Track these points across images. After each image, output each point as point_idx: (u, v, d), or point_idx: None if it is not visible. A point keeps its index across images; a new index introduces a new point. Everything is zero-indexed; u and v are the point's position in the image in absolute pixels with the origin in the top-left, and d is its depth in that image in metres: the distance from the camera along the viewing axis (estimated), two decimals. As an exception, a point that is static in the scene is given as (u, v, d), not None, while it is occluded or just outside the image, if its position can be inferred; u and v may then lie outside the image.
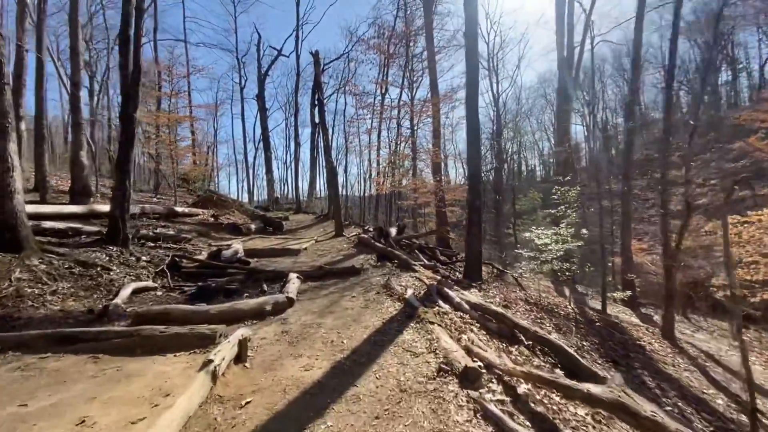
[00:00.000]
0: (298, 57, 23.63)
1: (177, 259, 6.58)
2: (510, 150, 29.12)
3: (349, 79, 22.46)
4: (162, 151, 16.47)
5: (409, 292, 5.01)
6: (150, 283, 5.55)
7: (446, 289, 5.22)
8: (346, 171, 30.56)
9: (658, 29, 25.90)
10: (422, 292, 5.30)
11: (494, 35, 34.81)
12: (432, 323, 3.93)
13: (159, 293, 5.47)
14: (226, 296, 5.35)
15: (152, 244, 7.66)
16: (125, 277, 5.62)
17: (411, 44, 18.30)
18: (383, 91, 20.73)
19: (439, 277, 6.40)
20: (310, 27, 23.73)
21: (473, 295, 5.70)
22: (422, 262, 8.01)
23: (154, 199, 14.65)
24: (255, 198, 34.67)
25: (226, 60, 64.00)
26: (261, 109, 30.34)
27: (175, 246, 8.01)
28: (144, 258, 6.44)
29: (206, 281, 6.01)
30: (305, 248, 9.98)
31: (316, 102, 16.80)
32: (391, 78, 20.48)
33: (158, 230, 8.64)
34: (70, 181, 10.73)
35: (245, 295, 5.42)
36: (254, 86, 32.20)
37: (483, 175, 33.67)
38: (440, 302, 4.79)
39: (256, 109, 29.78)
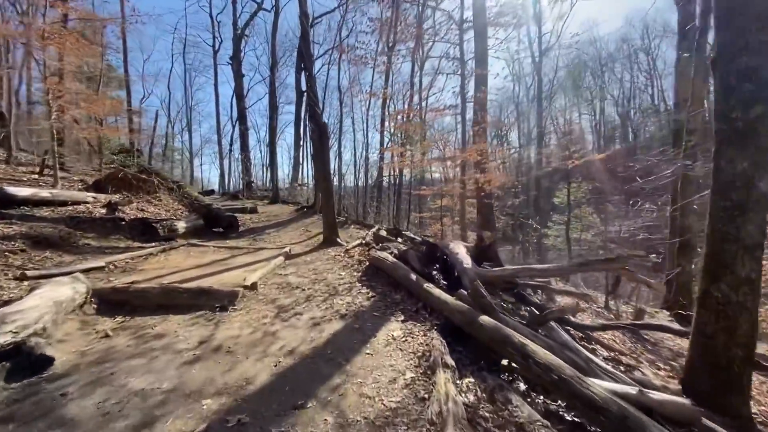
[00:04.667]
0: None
1: None
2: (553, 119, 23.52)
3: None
4: (76, 107, 10.49)
5: None
6: None
7: None
8: (340, 156, 24.77)
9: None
10: None
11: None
12: None
13: None
14: None
15: None
16: None
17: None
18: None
19: None
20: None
21: None
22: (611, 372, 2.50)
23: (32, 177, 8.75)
24: (231, 184, 28.60)
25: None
26: (236, 74, 24.23)
27: None
28: None
29: None
30: (255, 282, 4.40)
31: (300, 28, 10.99)
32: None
33: None
34: None
35: None
36: (230, 49, 25.80)
37: (496, 149, 27.87)
38: None
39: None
